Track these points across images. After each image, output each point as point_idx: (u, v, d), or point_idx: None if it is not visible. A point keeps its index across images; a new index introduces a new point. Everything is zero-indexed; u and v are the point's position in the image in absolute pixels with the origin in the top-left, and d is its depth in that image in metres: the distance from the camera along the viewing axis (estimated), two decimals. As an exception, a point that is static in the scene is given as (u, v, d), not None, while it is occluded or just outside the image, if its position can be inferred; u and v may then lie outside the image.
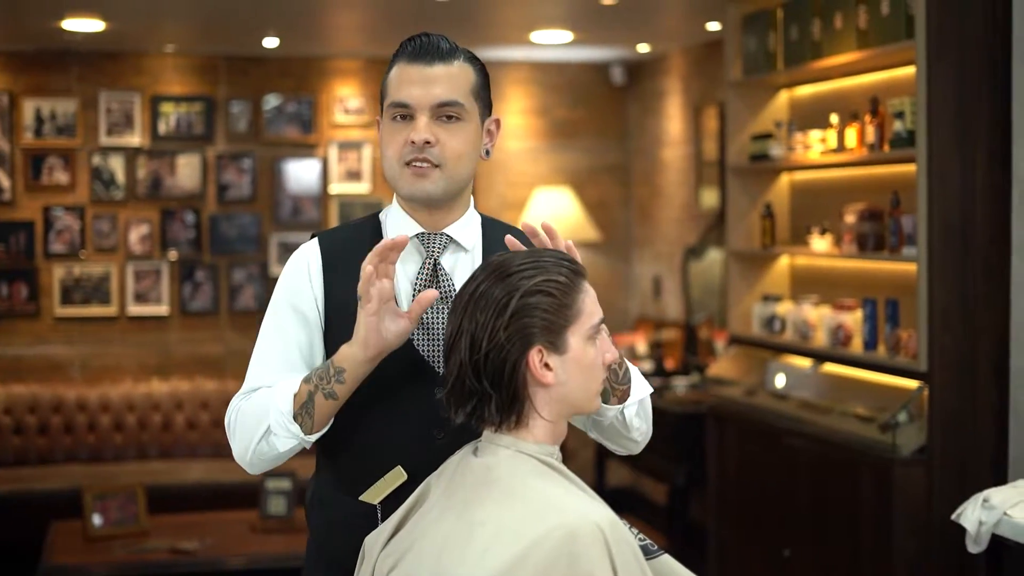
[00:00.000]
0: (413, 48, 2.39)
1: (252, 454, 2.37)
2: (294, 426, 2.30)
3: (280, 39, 7.52)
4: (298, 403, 2.30)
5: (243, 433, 2.37)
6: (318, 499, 2.55)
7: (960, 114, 4.50)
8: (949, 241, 4.51)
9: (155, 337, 8.03)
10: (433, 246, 2.45)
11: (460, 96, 2.38)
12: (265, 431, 2.33)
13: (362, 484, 2.42)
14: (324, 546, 2.54)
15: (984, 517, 3.71)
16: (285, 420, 2.30)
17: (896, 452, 4.58)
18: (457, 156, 2.39)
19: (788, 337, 5.60)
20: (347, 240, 2.49)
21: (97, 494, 5.58)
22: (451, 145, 2.38)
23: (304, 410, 2.30)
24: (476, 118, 2.43)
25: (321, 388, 2.29)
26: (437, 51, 2.38)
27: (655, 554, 2.11)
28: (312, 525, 2.59)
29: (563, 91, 8.70)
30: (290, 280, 2.46)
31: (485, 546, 2.00)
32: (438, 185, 2.39)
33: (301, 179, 8.19)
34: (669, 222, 8.18)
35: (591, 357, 2.16)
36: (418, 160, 2.37)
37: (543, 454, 2.14)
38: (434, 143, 2.36)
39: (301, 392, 2.30)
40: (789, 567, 5.23)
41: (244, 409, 2.38)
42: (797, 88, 5.90)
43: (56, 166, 7.84)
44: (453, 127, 2.38)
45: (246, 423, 2.36)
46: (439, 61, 2.37)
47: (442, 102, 2.37)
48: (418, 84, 2.36)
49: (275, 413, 2.31)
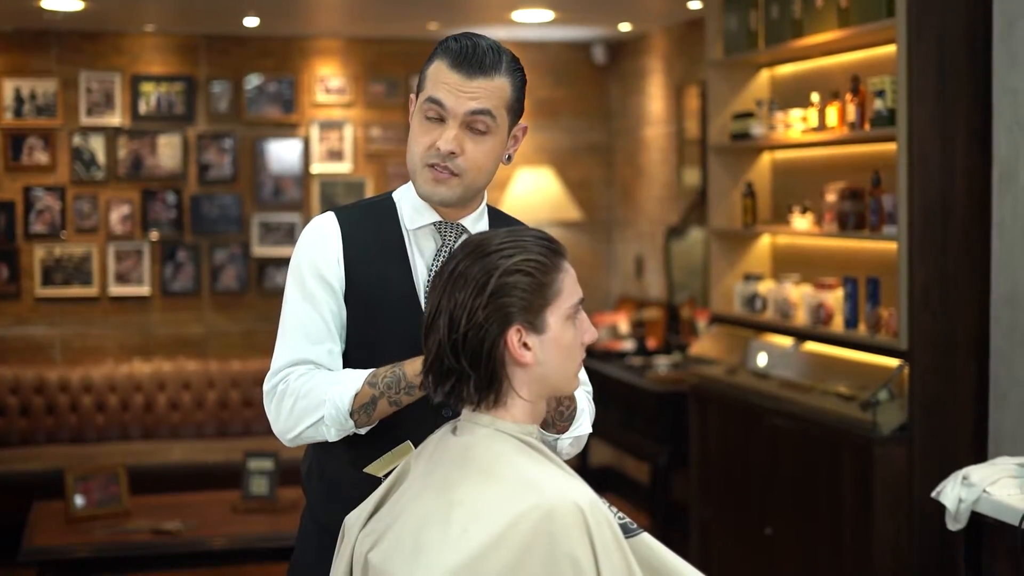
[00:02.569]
0: (459, 52, 2.41)
1: (295, 436, 2.43)
2: (349, 423, 2.37)
3: (260, 18, 7.49)
4: (359, 403, 2.35)
5: (292, 416, 2.42)
6: (318, 468, 2.58)
7: (940, 93, 4.50)
8: (929, 220, 4.52)
9: (137, 318, 8.01)
10: (448, 235, 2.52)
11: (493, 108, 2.42)
12: (317, 420, 2.39)
13: (363, 456, 2.45)
14: (321, 516, 2.57)
15: (964, 495, 3.72)
16: (342, 417, 2.36)
17: (877, 430, 4.60)
18: (478, 168, 2.45)
19: (769, 316, 5.61)
20: (364, 220, 2.54)
21: (79, 475, 5.57)
22: (474, 157, 2.43)
23: (364, 410, 2.36)
24: (504, 130, 2.47)
25: (387, 396, 2.34)
26: (480, 65, 2.40)
27: (634, 533, 2.12)
28: (310, 494, 2.62)
29: (545, 71, 8.68)
30: (312, 250, 2.49)
31: (464, 525, 2.00)
32: (455, 192, 2.45)
33: (283, 159, 8.17)
34: (651, 201, 8.18)
35: (570, 337, 2.15)
36: (440, 167, 2.42)
37: (522, 433, 2.14)
38: (459, 154, 2.41)
39: (363, 393, 2.35)
40: (771, 545, 5.25)
41: (296, 392, 2.41)
42: (778, 67, 5.90)
43: (36, 146, 7.81)
44: (480, 139, 2.43)
45: (295, 407, 2.41)
46: (480, 75, 2.40)
47: (475, 110, 2.40)
48: (455, 92, 2.40)
49: (331, 408, 2.36)
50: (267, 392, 2.47)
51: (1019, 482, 3.63)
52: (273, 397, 2.45)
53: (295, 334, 2.47)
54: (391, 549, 2.10)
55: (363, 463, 2.45)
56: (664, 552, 2.12)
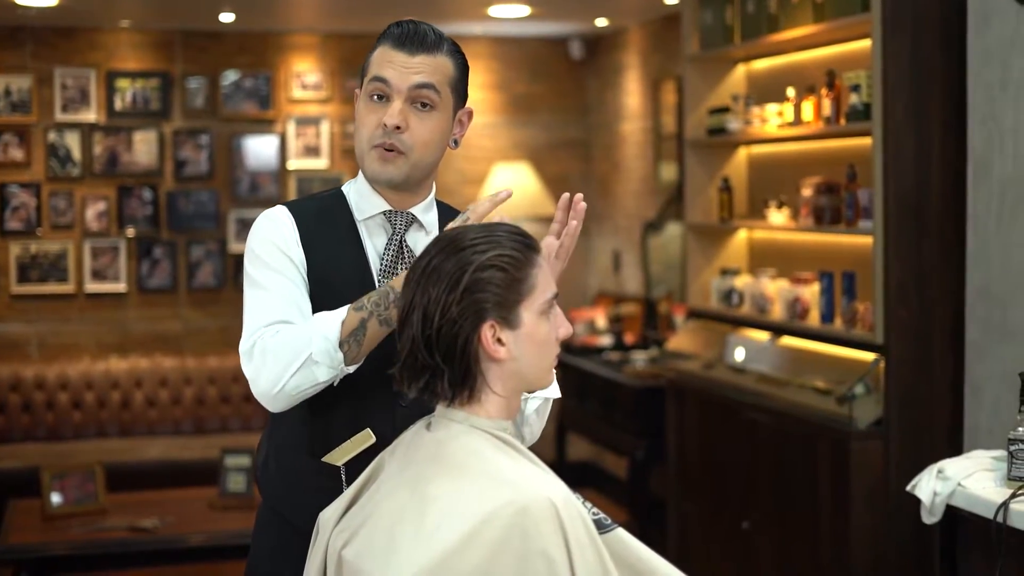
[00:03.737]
0: (400, 33, 2.47)
1: (281, 388, 2.32)
2: (339, 354, 2.30)
3: (236, 14, 7.46)
4: (347, 330, 2.30)
5: (274, 366, 2.32)
6: (275, 460, 2.56)
7: (916, 87, 4.51)
8: (904, 214, 4.54)
9: (113, 315, 7.99)
10: (398, 223, 2.52)
11: (436, 83, 2.45)
12: (305, 360, 2.30)
13: (322, 445, 2.44)
14: (278, 507, 2.55)
15: (939, 488, 3.73)
16: (331, 347, 2.30)
17: (853, 424, 4.61)
18: (424, 144, 2.46)
19: (746, 311, 5.62)
20: (315, 211, 2.53)
21: (55, 473, 5.55)
22: (420, 132, 2.45)
23: (353, 337, 2.30)
24: (449, 109, 2.50)
25: (377, 314, 2.30)
26: (423, 41, 2.45)
27: (609, 528, 2.12)
28: (265, 488, 2.59)
29: (521, 66, 8.68)
30: (270, 234, 2.46)
31: (437, 522, 2.00)
32: (401, 170, 2.45)
33: (259, 155, 8.16)
34: (628, 196, 8.19)
35: (544, 332, 2.15)
36: (386, 145, 2.43)
37: (496, 429, 2.14)
38: (404, 129, 2.43)
39: (351, 319, 2.30)
40: (748, 539, 5.26)
41: (274, 341, 2.34)
42: (754, 62, 5.91)
43: (11, 143, 7.78)
44: (425, 115, 2.45)
45: (278, 355, 2.32)
46: (423, 51, 2.45)
47: (419, 84, 2.43)
48: (399, 68, 2.44)
49: (320, 340, 2.30)
50: (245, 353, 2.39)
51: (994, 475, 3.65)
52: (252, 356, 2.37)
53: (263, 299, 2.41)
54: (365, 545, 2.10)
55: (322, 452, 2.44)
56: (639, 547, 2.12)
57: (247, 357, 2.38)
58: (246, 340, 2.39)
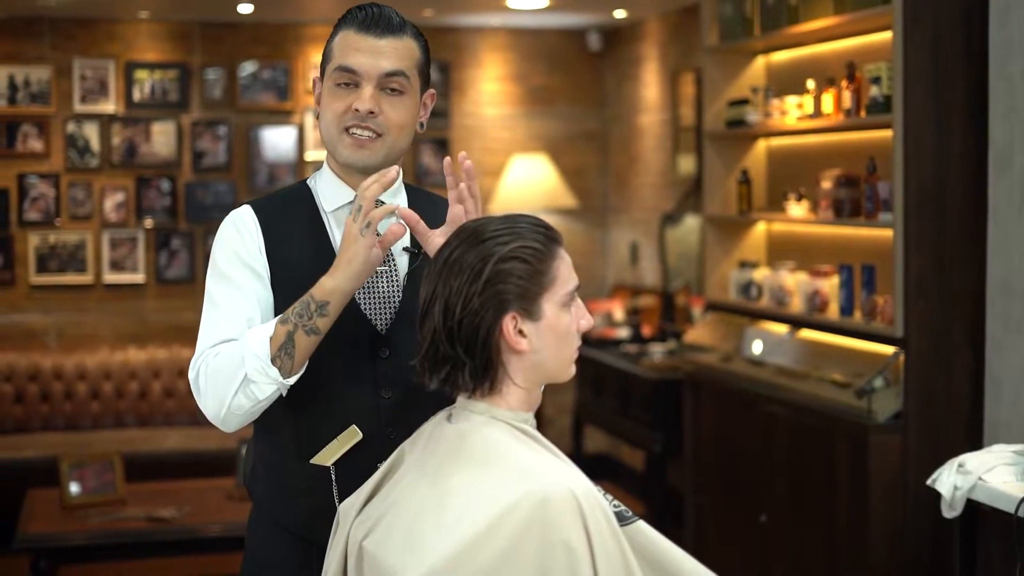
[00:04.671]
0: (364, 18, 2.41)
1: (227, 409, 2.31)
2: (273, 370, 2.26)
3: (255, 5, 7.46)
4: (275, 345, 2.26)
5: (216, 388, 2.31)
6: (263, 466, 2.53)
7: (936, 79, 4.49)
8: (925, 207, 4.52)
9: (131, 305, 8.00)
10: None
11: (405, 68, 2.42)
12: (242, 381, 2.27)
13: (309, 447, 2.41)
14: (271, 513, 2.52)
15: (959, 482, 3.72)
16: (263, 365, 2.25)
17: (872, 418, 4.60)
18: (399, 127, 2.43)
19: (765, 303, 5.60)
20: (281, 207, 2.50)
21: (74, 462, 5.56)
22: (393, 116, 2.42)
23: (283, 351, 2.26)
24: (417, 92, 2.47)
25: (302, 325, 2.26)
26: (388, 24, 2.41)
27: (629, 520, 2.11)
28: (256, 494, 2.56)
29: (539, 58, 8.67)
30: (231, 242, 2.43)
31: (459, 513, 2.00)
32: (378, 155, 2.43)
33: (277, 146, 8.16)
34: (646, 188, 8.18)
35: (565, 324, 2.15)
36: (360, 128, 2.40)
37: (517, 421, 2.14)
38: (378, 113, 2.40)
39: (278, 333, 2.26)
40: (766, 532, 5.26)
41: (213, 364, 2.32)
42: (774, 54, 5.89)
43: (30, 134, 7.79)
44: (396, 99, 2.42)
45: (218, 378, 2.30)
46: (389, 34, 2.41)
47: (389, 71, 2.40)
48: (366, 53, 2.39)
49: (251, 359, 2.26)
50: (192, 379, 2.37)
51: (1014, 469, 3.64)
52: (197, 381, 2.35)
53: (213, 318, 2.39)
54: (386, 537, 2.10)
55: (309, 453, 2.41)
56: (659, 540, 2.12)
57: (193, 383, 2.37)
58: (193, 364, 2.38)
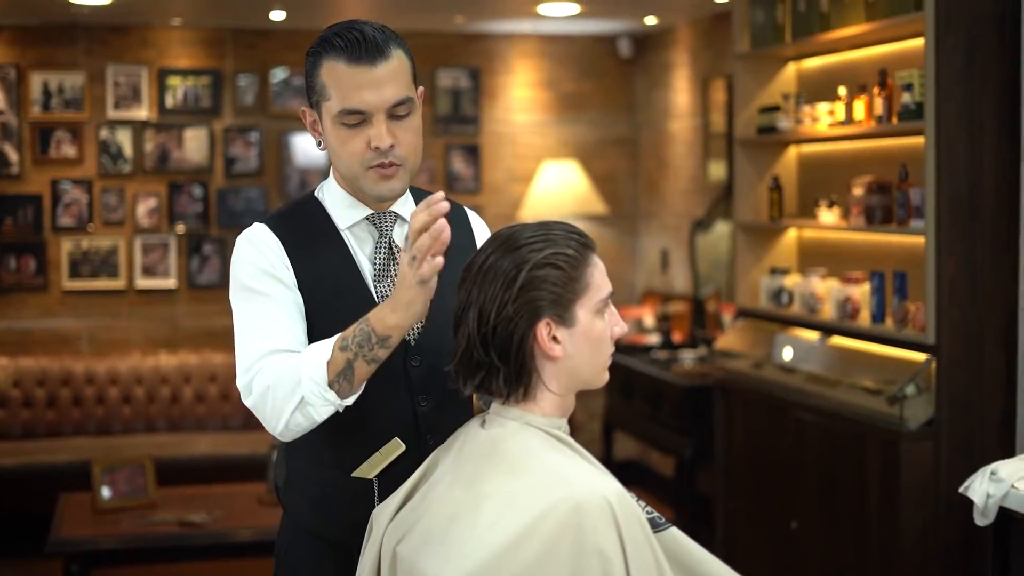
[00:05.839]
0: (349, 47, 2.33)
1: (285, 426, 2.28)
2: (330, 394, 2.23)
3: (287, 12, 7.49)
4: (333, 371, 2.22)
5: (273, 404, 2.28)
6: (300, 479, 2.51)
7: (969, 86, 4.48)
8: (957, 214, 4.50)
9: (163, 310, 8.04)
10: (384, 225, 2.48)
11: (407, 90, 2.38)
12: (299, 402, 2.24)
13: (351, 460, 2.41)
14: (305, 523, 2.51)
15: (992, 490, 3.71)
16: (321, 390, 2.22)
17: (904, 425, 4.58)
18: (415, 149, 2.42)
19: (796, 310, 5.59)
20: (295, 222, 2.48)
21: (106, 467, 5.59)
22: (408, 140, 2.40)
23: (342, 376, 2.22)
24: (418, 102, 2.43)
25: (363, 355, 2.20)
26: (376, 48, 2.33)
27: (663, 527, 2.12)
28: (290, 504, 2.54)
29: (570, 64, 8.68)
30: (253, 259, 2.41)
31: (493, 518, 2.00)
32: (404, 181, 2.43)
33: (308, 152, 8.18)
34: (676, 195, 8.17)
35: (599, 330, 2.15)
36: (383, 164, 2.37)
37: (551, 427, 2.15)
38: (396, 144, 2.37)
39: (336, 359, 2.21)
40: (796, 539, 5.24)
41: (268, 379, 2.29)
42: (805, 60, 5.88)
43: (64, 140, 7.84)
44: (406, 122, 2.39)
45: (275, 394, 2.27)
46: (381, 59, 2.34)
47: (396, 102, 2.36)
48: (369, 88, 2.33)
49: (309, 383, 2.22)
50: (243, 388, 2.35)
51: (1047, 477, 3.62)
52: (251, 391, 2.32)
53: (254, 330, 2.36)
54: (420, 542, 2.10)
55: (348, 465, 2.40)
56: (693, 547, 2.12)
57: (246, 392, 2.34)
58: (243, 375, 2.35)
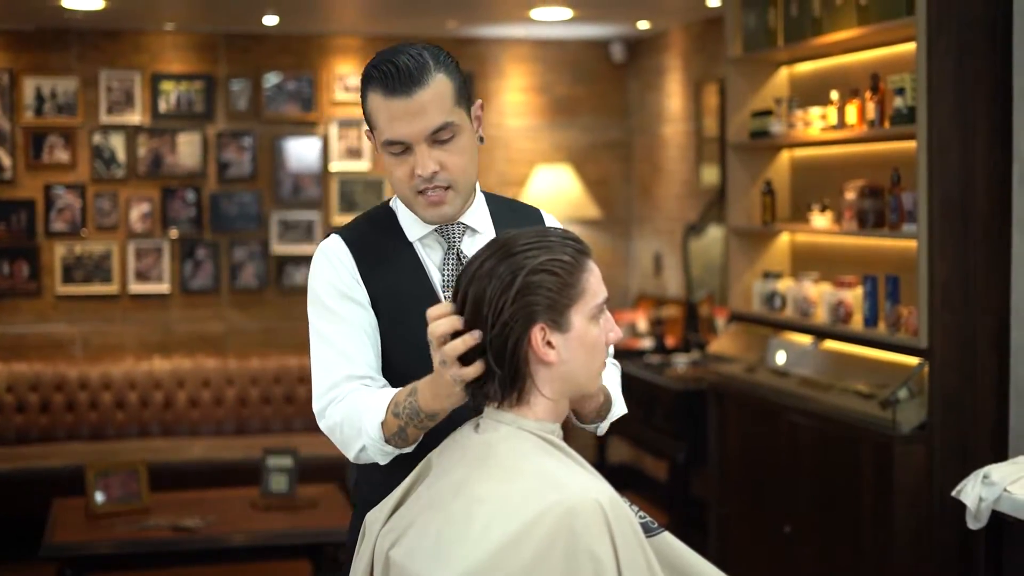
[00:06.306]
0: (385, 80, 2.35)
1: (355, 458, 2.40)
2: (388, 447, 2.33)
3: (280, 17, 7.50)
4: (388, 432, 2.30)
5: (342, 439, 2.39)
6: (365, 480, 2.57)
7: (961, 90, 4.49)
8: (949, 218, 4.51)
9: (156, 315, 8.04)
10: (452, 236, 2.51)
11: (448, 115, 2.37)
12: (361, 448, 2.35)
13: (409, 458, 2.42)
14: None
15: (984, 493, 3.72)
16: (379, 445, 2.32)
17: (896, 429, 4.59)
18: (463, 171, 2.43)
19: (788, 314, 5.60)
20: (369, 235, 2.52)
21: (99, 471, 5.59)
22: (454, 163, 2.41)
23: (397, 437, 2.30)
24: (467, 121, 2.43)
25: (413, 424, 2.28)
26: (410, 79, 2.34)
27: (655, 532, 2.12)
28: (359, 504, 2.60)
29: (563, 68, 8.68)
30: (327, 275, 2.48)
31: (485, 522, 2.01)
32: (455, 204, 2.45)
33: (302, 157, 8.19)
34: (670, 199, 8.18)
35: (594, 336, 2.16)
36: (430, 189, 2.40)
37: (544, 431, 2.15)
38: (440, 169, 2.39)
39: (389, 423, 2.29)
40: (790, 543, 5.25)
41: (338, 416, 2.39)
42: (797, 65, 5.89)
43: (57, 145, 7.84)
44: (451, 146, 2.40)
45: (343, 431, 2.38)
46: (416, 88, 2.34)
47: (435, 129, 2.37)
48: (405, 119, 2.36)
49: (367, 439, 2.32)
50: (318, 413, 2.45)
51: (1040, 480, 3.63)
52: (325, 418, 2.44)
53: (327, 355, 2.45)
54: (413, 546, 2.11)
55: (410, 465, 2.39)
56: (686, 551, 2.13)
57: (320, 416, 2.44)
58: (318, 400, 2.44)
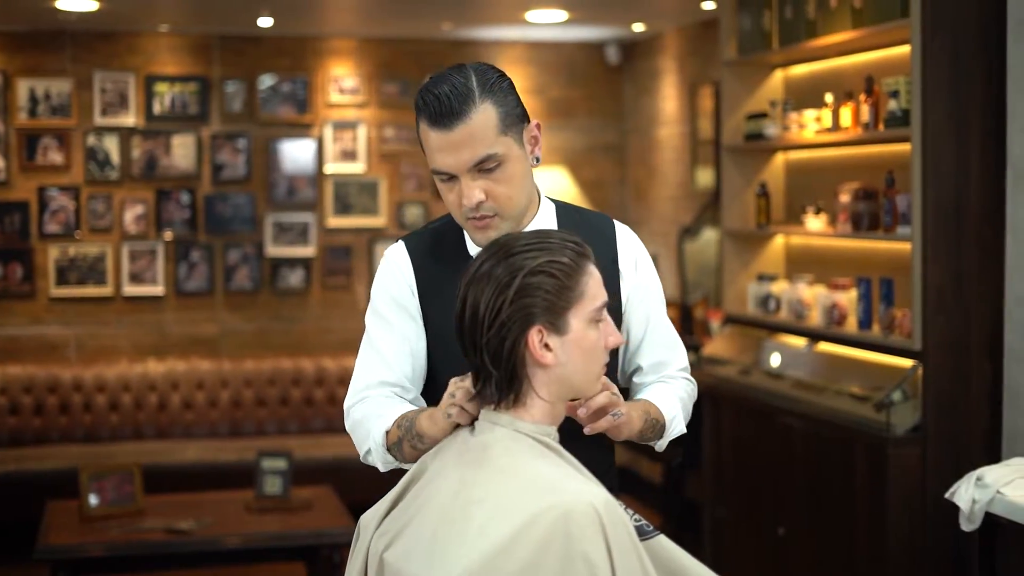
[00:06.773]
0: (428, 110, 2.35)
1: (363, 460, 2.51)
2: (389, 457, 2.42)
3: (274, 18, 7.50)
4: (390, 441, 2.39)
5: (356, 440, 2.51)
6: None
7: (955, 93, 4.50)
8: (943, 220, 4.52)
9: (150, 317, 8.03)
10: None
11: (490, 146, 2.35)
12: (367, 451, 2.46)
13: None
14: None
15: (977, 495, 3.72)
16: (382, 451, 2.41)
17: (890, 431, 4.60)
18: (510, 198, 2.41)
19: (783, 316, 5.60)
20: (432, 247, 2.55)
21: (93, 474, 5.58)
22: (500, 193, 2.39)
23: (395, 448, 2.39)
24: (515, 148, 2.40)
25: (407, 440, 2.35)
26: (451, 112, 2.32)
27: (650, 534, 2.12)
28: None
29: (558, 71, 8.69)
30: (386, 282, 2.55)
31: (480, 524, 2.01)
32: (501, 229, 2.42)
33: (296, 159, 8.19)
34: (664, 201, 8.18)
35: (592, 340, 2.16)
36: (477, 216, 2.40)
37: (540, 434, 2.15)
38: (485, 199, 2.38)
39: (392, 435, 2.38)
40: (784, 545, 5.25)
41: (357, 416, 2.50)
42: (792, 67, 5.90)
43: (51, 146, 7.83)
44: (497, 175, 2.38)
45: (357, 431, 2.49)
46: (458, 122, 2.32)
47: (477, 162, 2.35)
48: (447, 152, 2.35)
49: (372, 443, 2.43)
50: (345, 411, 2.55)
51: (1034, 483, 3.63)
52: (347, 418, 2.54)
53: (370, 358, 2.53)
54: (407, 548, 2.11)
55: None
56: (681, 554, 2.13)
57: (347, 415, 2.54)
58: (350, 398, 2.54)
